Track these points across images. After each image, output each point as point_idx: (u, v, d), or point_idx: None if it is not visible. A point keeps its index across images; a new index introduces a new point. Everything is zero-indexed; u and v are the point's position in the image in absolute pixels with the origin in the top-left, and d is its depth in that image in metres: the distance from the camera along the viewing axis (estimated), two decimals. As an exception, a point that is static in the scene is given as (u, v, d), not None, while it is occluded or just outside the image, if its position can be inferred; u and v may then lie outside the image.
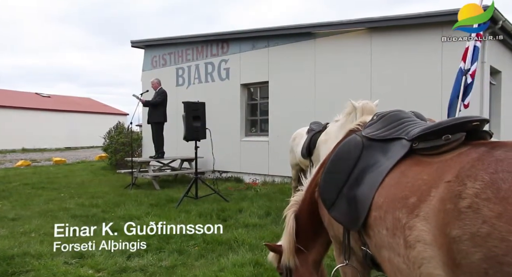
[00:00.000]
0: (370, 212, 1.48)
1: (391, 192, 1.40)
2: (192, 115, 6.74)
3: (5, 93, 29.54)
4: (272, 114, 8.74)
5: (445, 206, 1.13)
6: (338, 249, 1.94)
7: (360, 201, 1.53)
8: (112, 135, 12.98)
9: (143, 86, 11.09)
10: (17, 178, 10.26)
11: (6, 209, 6.17)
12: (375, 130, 1.72)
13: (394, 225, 1.32)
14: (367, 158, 1.63)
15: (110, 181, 9.42)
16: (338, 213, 1.69)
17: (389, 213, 1.36)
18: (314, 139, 5.26)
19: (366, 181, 1.55)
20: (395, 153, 1.52)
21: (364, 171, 1.59)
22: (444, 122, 1.42)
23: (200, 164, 7.46)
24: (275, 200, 6.57)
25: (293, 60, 8.30)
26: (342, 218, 1.68)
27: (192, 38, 10.18)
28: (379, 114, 1.81)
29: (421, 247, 1.20)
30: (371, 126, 1.78)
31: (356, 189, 1.58)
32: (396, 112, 1.77)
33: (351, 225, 1.63)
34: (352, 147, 1.73)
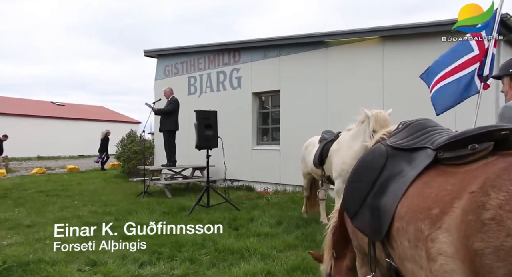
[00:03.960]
0: (393, 222, 1.45)
1: (414, 203, 1.37)
2: (204, 124, 6.79)
3: (21, 102, 30.19)
4: (284, 123, 8.75)
5: (468, 217, 1.10)
6: (361, 260, 1.92)
7: (383, 211, 1.51)
8: (124, 143, 13.11)
9: (156, 94, 11.21)
10: (32, 186, 10.42)
11: (22, 216, 6.27)
12: (400, 139, 1.70)
13: (416, 237, 1.30)
14: (392, 168, 1.60)
15: (123, 189, 9.49)
16: (361, 223, 1.67)
17: (411, 224, 1.34)
18: (326, 148, 5.25)
19: (389, 191, 1.53)
20: (420, 162, 1.49)
21: (388, 180, 1.57)
22: (470, 131, 1.38)
23: (212, 172, 7.49)
24: (286, 209, 6.54)
25: (304, 69, 8.32)
26: (365, 228, 1.65)
27: (204, 47, 10.30)
28: (405, 123, 1.79)
29: (443, 260, 1.17)
30: (396, 135, 1.76)
31: (379, 199, 1.56)
32: (422, 121, 1.74)
33: (374, 236, 1.61)
34: (377, 156, 1.71)
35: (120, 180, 11.72)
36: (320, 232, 4.89)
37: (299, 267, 3.69)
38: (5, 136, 17.32)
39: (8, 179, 13.13)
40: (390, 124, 4.19)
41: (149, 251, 4.22)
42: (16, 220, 5.96)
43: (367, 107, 4.61)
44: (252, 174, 9.24)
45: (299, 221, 5.64)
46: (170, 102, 8.78)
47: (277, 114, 9.12)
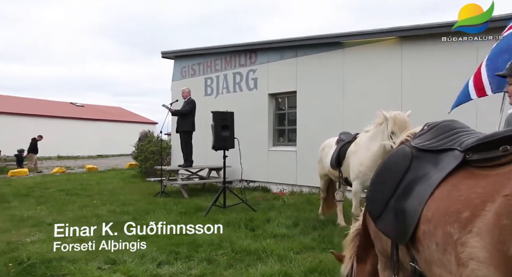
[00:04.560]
0: (419, 225, 1.42)
1: (442, 206, 1.34)
2: (221, 125, 6.82)
3: (41, 102, 30.92)
4: (300, 124, 8.72)
5: (502, 221, 1.07)
6: (383, 263, 1.90)
7: (408, 214, 1.48)
8: (142, 143, 13.30)
9: (173, 95, 11.33)
10: (53, 184, 10.66)
11: (44, 214, 6.42)
12: (425, 141, 1.66)
13: (445, 241, 1.27)
14: (416, 170, 1.57)
15: (140, 189, 9.62)
16: (385, 226, 1.64)
17: (439, 228, 1.31)
18: (344, 150, 5.21)
19: (415, 193, 1.49)
20: (447, 164, 1.45)
21: (412, 183, 1.53)
22: (501, 132, 1.34)
23: (228, 173, 7.52)
24: (303, 210, 6.53)
25: (321, 70, 8.28)
26: (389, 231, 1.63)
27: (220, 48, 10.35)
28: (430, 124, 1.75)
29: (474, 265, 1.14)
30: (421, 136, 1.72)
31: (404, 201, 1.53)
32: (449, 122, 1.70)
33: (398, 239, 1.58)
34: (400, 158, 1.67)
35: (138, 180, 11.88)
36: (338, 234, 4.89)
37: (317, 269, 3.67)
38: (40, 136, 17.98)
39: (30, 178, 13.47)
40: (409, 125, 4.14)
41: (167, 251, 4.27)
42: (38, 218, 6.11)
43: (385, 108, 4.56)
44: (268, 175, 9.24)
45: (315, 222, 5.62)
46: (187, 103, 8.85)
47: (293, 115, 9.10)
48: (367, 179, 4.80)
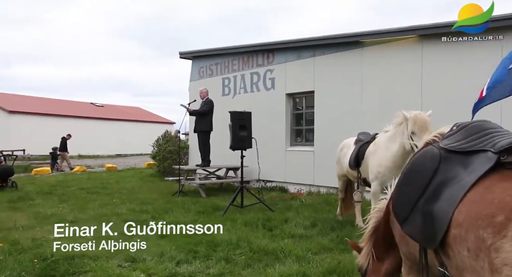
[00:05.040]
0: (449, 230, 1.37)
1: (474, 209, 1.29)
2: (238, 125, 6.85)
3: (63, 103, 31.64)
4: (318, 124, 8.68)
5: None
6: (408, 267, 1.84)
7: (438, 218, 1.43)
8: (160, 143, 13.45)
9: (190, 96, 11.41)
10: (74, 183, 10.90)
11: (66, 212, 6.57)
12: (455, 142, 1.60)
13: (477, 246, 1.22)
14: (446, 172, 1.51)
15: (159, 188, 9.73)
16: (412, 229, 1.59)
17: (471, 232, 1.27)
18: (363, 150, 5.16)
19: (444, 196, 1.44)
20: (479, 166, 1.40)
21: (442, 185, 1.48)
22: None
23: (245, 173, 7.54)
24: (320, 211, 6.49)
25: (339, 70, 8.21)
26: (416, 234, 1.58)
27: (238, 48, 10.39)
28: (459, 124, 1.69)
29: (509, 271, 1.10)
30: (449, 137, 1.66)
31: (432, 204, 1.48)
32: (480, 122, 1.64)
33: (426, 243, 1.53)
34: (428, 159, 1.62)
35: (156, 179, 12.03)
36: (356, 235, 4.83)
37: (335, 270, 3.65)
38: (69, 135, 18.56)
39: (53, 176, 13.81)
40: (430, 126, 4.07)
41: (186, 250, 4.32)
42: (60, 216, 6.25)
43: (404, 108, 4.49)
44: (285, 175, 9.23)
45: (333, 223, 5.58)
46: (205, 103, 8.91)
47: (310, 115, 9.05)
48: (386, 180, 4.74)
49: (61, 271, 3.72)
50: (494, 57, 5.87)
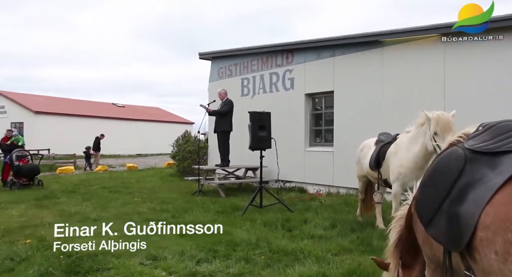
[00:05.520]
0: (476, 232, 1.34)
1: (502, 211, 1.26)
2: (258, 125, 6.87)
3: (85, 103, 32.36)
4: (337, 124, 8.61)
5: None
6: (432, 270, 1.80)
7: (464, 220, 1.39)
8: (180, 143, 13.60)
9: (210, 96, 11.50)
10: (97, 182, 11.15)
11: (89, 210, 6.73)
12: (481, 142, 1.55)
13: (506, 249, 1.20)
14: (471, 173, 1.47)
15: (178, 188, 9.85)
16: (437, 231, 1.55)
17: (499, 235, 1.24)
18: (383, 151, 5.10)
19: (470, 198, 1.41)
20: (507, 167, 1.36)
21: (467, 186, 1.45)
22: None
23: (264, 173, 7.55)
24: (340, 212, 6.45)
25: (359, 69, 8.13)
26: (441, 236, 1.54)
27: (257, 49, 10.41)
28: (486, 125, 1.64)
29: None
30: (475, 137, 1.61)
31: (458, 206, 1.44)
32: (508, 122, 1.59)
33: (452, 246, 1.49)
34: (453, 160, 1.58)
35: (175, 178, 12.18)
36: (376, 237, 4.80)
37: (355, 271, 3.62)
38: (102, 135, 19.20)
39: (76, 175, 14.15)
40: (453, 126, 4.00)
41: (206, 249, 4.35)
42: (84, 214, 6.41)
43: (427, 109, 4.42)
44: (304, 176, 9.20)
45: (353, 224, 5.53)
46: (225, 104, 8.97)
47: (330, 115, 9.00)
48: (408, 181, 4.68)
49: (86, 267, 3.81)
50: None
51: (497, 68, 6.10)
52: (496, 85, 6.11)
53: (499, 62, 6.09)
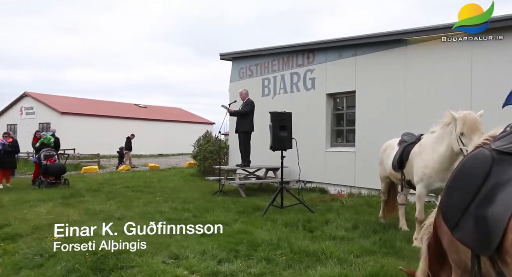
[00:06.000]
0: (506, 235, 1.30)
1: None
2: (279, 125, 6.85)
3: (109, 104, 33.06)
4: (359, 124, 8.51)
5: None
6: (459, 276, 1.77)
7: (493, 222, 1.36)
8: (200, 143, 13.73)
9: (231, 96, 11.57)
10: (120, 181, 11.36)
11: (113, 209, 6.87)
12: (509, 143, 1.52)
13: None
14: (499, 174, 1.44)
15: (199, 187, 9.93)
16: (463, 235, 1.52)
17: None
18: (407, 151, 5.01)
19: (499, 200, 1.37)
20: None
21: (495, 188, 1.41)
22: None
23: (285, 173, 7.53)
24: (362, 213, 6.37)
25: (382, 69, 8.01)
26: (468, 240, 1.50)
27: (278, 49, 10.40)
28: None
29: None
30: (502, 138, 1.58)
31: (486, 208, 1.41)
32: None
33: (480, 250, 1.45)
34: (479, 161, 1.55)
35: (197, 178, 12.29)
36: (400, 239, 4.72)
37: (378, 274, 3.57)
38: (132, 134, 19.78)
39: (100, 174, 14.48)
40: (481, 126, 3.89)
41: (227, 249, 4.37)
42: (108, 212, 6.54)
43: (452, 109, 4.30)
44: (325, 176, 9.13)
45: (376, 226, 5.46)
46: (246, 104, 8.99)
47: (351, 115, 8.90)
48: (433, 182, 4.58)
49: (110, 265, 3.89)
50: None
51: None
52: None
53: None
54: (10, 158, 11.09)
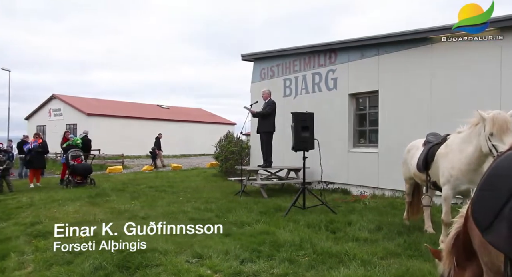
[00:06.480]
0: None
1: None
2: (301, 126, 6.83)
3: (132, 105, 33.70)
4: (382, 125, 8.38)
5: None
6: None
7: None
8: (222, 143, 13.82)
9: (252, 97, 11.60)
10: (144, 181, 11.57)
11: (137, 209, 7.00)
12: None
13: None
14: None
15: (221, 188, 10.00)
16: (496, 238, 1.49)
17: None
18: (432, 152, 4.90)
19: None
20: None
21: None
22: None
23: (307, 174, 7.49)
24: (386, 214, 6.27)
25: (406, 68, 7.87)
26: (501, 244, 1.47)
27: (299, 49, 10.36)
28: None
29: None
30: None
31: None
32: None
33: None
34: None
35: (218, 179, 12.37)
36: (425, 241, 4.61)
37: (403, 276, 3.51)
38: (160, 134, 20.34)
39: (125, 174, 14.78)
40: (511, 126, 3.76)
41: (250, 249, 4.39)
42: (132, 212, 6.68)
43: (480, 109, 4.18)
44: (348, 177, 9.03)
45: (400, 227, 5.37)
46: (268, 105, 9.00)
47: (374, 115, 8.78)
48: (460, 184, 4.47)
49: (136, 263, 3.98)
50: None
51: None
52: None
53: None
54: (40, 158, 11.53)
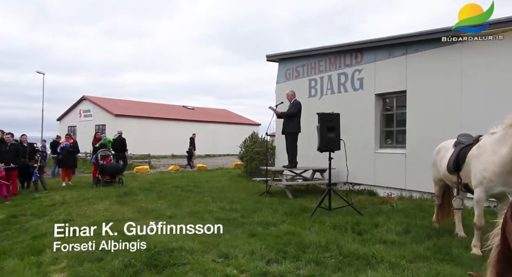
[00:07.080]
0: None
1: None
2: (327, 126, 6.78)
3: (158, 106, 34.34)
4: (410, 125, 8.21)
5: None
6: None
7: None
8: (247, 144, 13.88)
9: (277, 98, 11.59)
10: (170, 181, 11.77)
11: (164, 208, 7.12)
12: None
13: None
14: None
15: (246, 188, 10.04)
16: None
17: None
18: (464, 153, 4.76)
19: None
20: None
21: None
22: None
23: (333, 175, 7.42)
24: (414, 217, 6.14)
25: (435, 67, 7.67)
26: None
27: (325, 49, 10.28)
28: None
29: None
30: None
31: None
32: None
33: None
34: None
35: (243, 179, 12.43)
36: (456, 245, 4.50)
37: (433, 281, 3.43)
38: (194, 134, 20.86)
39: (151, 174, 15.08)
40: (548, 127, 3.61)
41: (275, 250, 4.39)
42: (159, 211, 6.80)
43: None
44: (374, 178, 8.89)
45: (429, 230, 5.24)
46: (293, 105, 8.97)
47: (401, 115, 8.60)
48: (493, 186, 4.32)
49: (163, 261, 4.05)
50: None
51: None
52: None
53: None
54: (72, 158, 11.93)
